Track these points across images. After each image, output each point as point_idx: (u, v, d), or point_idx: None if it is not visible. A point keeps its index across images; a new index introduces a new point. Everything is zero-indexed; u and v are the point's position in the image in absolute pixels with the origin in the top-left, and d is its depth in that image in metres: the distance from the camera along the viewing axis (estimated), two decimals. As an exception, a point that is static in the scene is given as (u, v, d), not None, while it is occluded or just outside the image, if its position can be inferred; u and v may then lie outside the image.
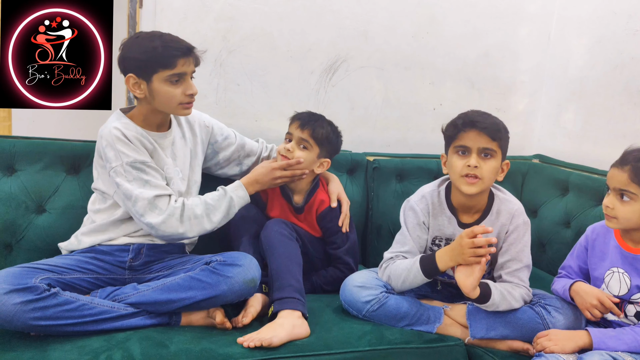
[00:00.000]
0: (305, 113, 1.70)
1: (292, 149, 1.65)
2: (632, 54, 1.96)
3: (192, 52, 1.45)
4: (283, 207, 1.74)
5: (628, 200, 1.30)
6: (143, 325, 1.38)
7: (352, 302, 1.52)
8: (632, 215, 1.30)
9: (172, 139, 1.56)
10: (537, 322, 1.43)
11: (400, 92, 2.18)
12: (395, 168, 2.04)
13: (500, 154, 1.48)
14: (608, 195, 1.35)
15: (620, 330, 1.30)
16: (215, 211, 1.49)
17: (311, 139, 1.65)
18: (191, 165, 1.61)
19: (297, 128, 1.66)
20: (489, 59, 2.27)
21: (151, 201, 1.42)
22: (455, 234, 1.55)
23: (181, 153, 1.58)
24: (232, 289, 1.38)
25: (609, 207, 1.33)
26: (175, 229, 1.44)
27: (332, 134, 1.70)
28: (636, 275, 1.34)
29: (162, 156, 1.51)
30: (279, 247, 1.55)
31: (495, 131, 1.45)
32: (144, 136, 1.48)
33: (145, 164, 1.44)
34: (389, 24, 2.11)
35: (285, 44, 2.00)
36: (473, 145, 1.45)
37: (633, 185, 1.28)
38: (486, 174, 1.45)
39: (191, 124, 1.64)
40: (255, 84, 1.99)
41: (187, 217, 1.45)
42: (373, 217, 2.00)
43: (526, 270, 1.51)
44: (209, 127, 1.69)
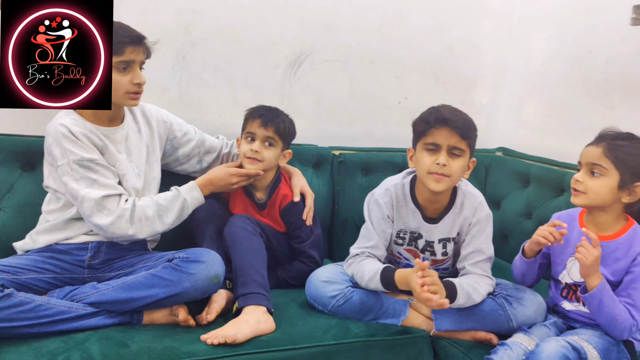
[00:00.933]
0: (261, 108, 1.67)
1: (259, 149, 1.62)
2: (590, 48, 2.00)
3: (142, 41, 1.43)
4: (245, 203, 1.73)
5: (598, 175, 1.32)
6: (103, 325, 1.34)
7: (318, 297, 1.51)
8: (601, 189, 1.32)
9: (126, 134, 1.52)
10: (500, 313, 1.46)
11: (366, 86, 2.18)
12: (360, 162, 2.04)
13: (469, 153, 1.48)
14: (579, 172, 1.37)
15: (618, 303, 1.31)
16: (167, 212, 1.46)
17: (276, 135, 1.64)
18: (148, 161, 1.58)
19: (260, 126, 1.63)
20: (453, 53, 2.29)
21: (99, 202, 1.38)
22: (420, 227, 1.56)
23: (136, 148, 1.54)
24: (195, 286, 1.36)
25: (578, 182, 1.35)
26: (124, 231, 1.40)
27: (290, 125, 1.69)
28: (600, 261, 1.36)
29: (113, 152, 1.47)
30: (242, 242, 1.54)
31: (467, 130, 1.45)
32: (93, 132, 1.43)
33: (93, 162, 1.40)
34: (354, 18, 2.10)
35: (250, 38, 1.97)
36: (444, 143, 1.44)
37: (605, 160, 1.31)
38: (454, 172, 1.45)
39: (148, 118, 1.61)
40: (219, 77, 1.96)
41: (138, 219, 1.41)
42: (339, 211, 2.00)
43: (488, 261, 1.53)
44: (167, 123, 1.66)
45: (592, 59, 2.00)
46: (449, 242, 1.56)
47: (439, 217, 1.55)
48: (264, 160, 1.63)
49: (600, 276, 1.29)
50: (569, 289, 1.42)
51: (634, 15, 1.84)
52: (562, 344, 1.24)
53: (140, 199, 1.45)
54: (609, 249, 1.36)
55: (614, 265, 1.35)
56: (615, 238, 1.36)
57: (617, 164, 1.30)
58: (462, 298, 1.42)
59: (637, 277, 1.31)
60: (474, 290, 1.45)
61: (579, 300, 1.40)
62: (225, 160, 1.79)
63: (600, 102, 1.97)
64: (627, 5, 1.85)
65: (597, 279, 1.28)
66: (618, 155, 1.30)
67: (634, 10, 1.84)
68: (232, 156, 1.80)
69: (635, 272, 1.32)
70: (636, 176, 1.31)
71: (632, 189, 1.32)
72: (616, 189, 1.32)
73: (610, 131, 1.36)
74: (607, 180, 1.32)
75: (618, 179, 1.31)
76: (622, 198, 1.33)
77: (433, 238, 1.56)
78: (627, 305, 1.31)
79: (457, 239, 1.57)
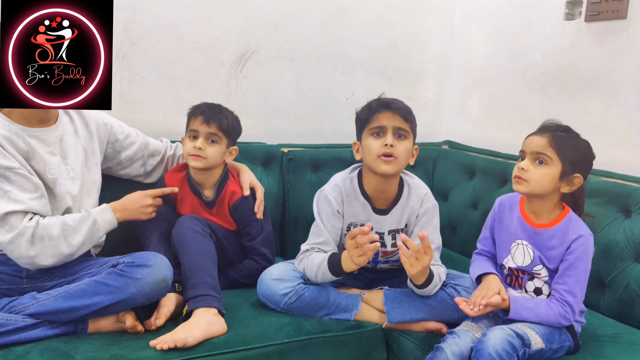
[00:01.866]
0: (203, 105, 1.65)
1: (203, 146, 1.60)
2: (527, 42, 2.07)
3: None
4: (193, 203, 1.69)
5: (543, 164, 1.36)
6: (45, 336, 1.29)
7: (270, 296, 1.50)
8: (544, 178, 1.35)
9: (60, 135, 1.46)
10: (449, 302, 1.49)
11: (313, 82, 2.18)
12: (310, 159, 2.04)
13: (412, 137, 1.51)
14: (522, 161, 1.40)
15: (537, 302, 1.36)
16: (74, 234, 1.37)
17: (219, 131, 1.62)
18: (87, 165, 1.52)
19: (203, 123, 1.61)
20: (397, 48, 2.32)
21: (2, 217, 1.30)
22: (370, 219, 1.57)
23: (72, 150, 1.48)
24: (142, 291, 1.32)
25: (523, 170, 1.37)
26: (24, 251, 1.31)
27: (235, 121, 1.67)
28: (537, 248, 1.42)
29: (42, 155, 1.40)
30: (191, 244, 1.50)
31: (408, 112, 1.49)
32: (18, 135, 1.36)
33: (11, 170, 1.32)
34: (298, 14, 2.10)
35: (192, 35, 1.93)
36: (388, 124, 1.47)
37: (550, 150, 1.35)
38: (401, 153, 1.48)
39: (86, 121, 1.55)
40: (162, 76, 1.91)
41: (40, 238, 1.32)
42: (290, 208, 1.99)
43: (438, 251, 1.56)
44: (108, 125, 1.61)
45: (530, 53, 2.07)
46: (397, 233, 1.58)
47: (388, 209, 1.57)
48: (208, 157, 1.61)
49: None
50: (512, 276, 1.46)
51: (566, 11, 1.92)
52: (506, 332, 1.27)
53: (45, 218, 1.35)
54: (545, 237, 1.40)
55: (550, 252, 1.39)
56: (551, 226, 1.40)
57: (560, 154, 1.35)
58: (436, 280, 1.45)
59: (572, 264, 1.36)
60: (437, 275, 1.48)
61: (522, 287, 1.44)
62: (170, 162, 1.76)
63: (539, 95, 2.04)
64: (561, 1, 1.93)
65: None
66: (561, 146, 1.35)
67: (567, 6, 1.92)
68: (178, 158, 1.76)
69: (569, 259, 1.36)
70: (575, 167, 1.36)
71: (570, 180, 1.37)
72: (557, 178, 1.36)
73: (552, 123, 1.41)
74: (550, 170, 1.36)
75: (560, 169, 1.35)
76: (561, 188, 1.38)
77: (383, 229, 1.58)
78: (564, 291, 1.35)
79: (405, 230, 1.59)
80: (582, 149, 1.37)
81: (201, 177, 1.67)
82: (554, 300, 1.36)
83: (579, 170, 1.37)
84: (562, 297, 1.35)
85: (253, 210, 1.69)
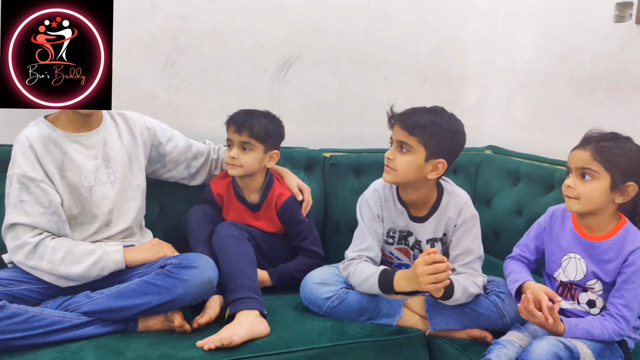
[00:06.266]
0: (238, 114, 1.68)
1: (237, 155, 1.63)
2: (575, 45, 2.03)
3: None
4: (238, 209, 1.73)
5: (589, 179, 1.30)
6: (98, 334, 1.34)
7: (313, 299, 1.52)
8: (593, 193, 1.30)
9: (103, 139, 1.52)
10: (493, 310, 1.47)
11: (355, 87, 2.19)
12: (352, 163, 2.04)
13: (424, 151, 1.46)
14: (569, 177, 1.35)
15: (591, 322, 1.31)
16: (75, 264, 1.39)
17: (251, 139, 1.64)
18: (131, 169, 1.57)
19: (235, 133, 1.64)
20: (440, 53, 2.31)
21: (10, 226, 1.38)
22: (408, 226, 1.57)
23: (115, 154, 1.54)
24: (189, 292, 1.35)
25: (570, 187, 1.33)
26: (23, 260, 1.37)
27: (270, 125, 1.67)
28: (592, 262, 1.36)
29: (79, 163, 1.46)
30: (229, 249, 1.53)
31: (414, 127, 1.45)
32: (57, 143, 1.43)
33: (33, 182, 1.39)
34: (340, 20, 2.11)
35: (238, 42, 1.97)
36: (395, 137, 1.50)
37: (595, 163, 1.29)
38: (399, 166, 1.47)
39: (130, 126, 1.60)
40: (208, 83, 1.96)
41: (39, 256, 1.37)
42: (332, 213, 2.00)
43: (478, 261, 1.54)
44: (151, 129, 1.65)
45: (578, 56, 2.02)
46: (436, 242, 1.57)
47: (425, 217, 1.57)
48: (244, 165, 1.64)
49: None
50: (565, 287, 1.42)
51: (616, 13, 1.87)
52: (554, 342, 1.23)
53: (54, 240, 1.40)
54: (601, 250, 1.35)
55: (606, 265, 1.34)
56: (607, 238, 1.35)
57: (607, 165, 1.29)
58: (459, 292, 1.42)
59: (629, 278, 1.30)
60: (470, 284, 1.46)
61: (575, 299, 1.40)
62: (214, 165, 1.80)
63: (587, 99, 1.99)
64: (610, 3, 1.88)
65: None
66: (606, 157, 1.29)
67: (617, 8, 1.87)
68: (221, 161, 1.80)
69: (627, 273, 1.30)
70: (626, 176, 1.29)
71: (624, 189, 1.30)
72: (608, 191, 1.30)
73: (595, 133, 1.35)
74: (599, 184, 1.30)
75: (609, 181, 1.29)
76: (615, 199, 1.32)
77: (421, 237, 1.57)
78: (621, 306, 1.29)
79: (444, 239, 1.58)
80: (632, 156, 1.30)
81: (244, 183, 1.71)
82: (607, 317, 1.31)
83: (632, 178, 1.29)
84: (618, 312, 1.29)
85: (301, 212, 1.71)
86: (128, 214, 1.56)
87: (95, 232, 1.49)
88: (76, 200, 1.46)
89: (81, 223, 1.48)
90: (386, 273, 1.46)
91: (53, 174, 1.42)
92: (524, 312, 1.30)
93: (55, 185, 1.43)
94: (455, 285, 1.42)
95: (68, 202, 1.45)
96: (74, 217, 1.47)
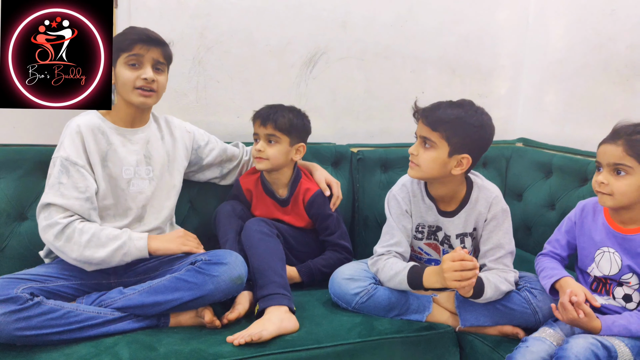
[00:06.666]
0: (264, 108, 1.70)
1: (263, 148, 1.65)
2: (610, 34, 1.96)
3: (153, 40, 1.46)
4: (267, 203, 1.74)
5: (624, 174, 1.27)
6: (131, 329, 1.37)
7: (341, 295, 1.52)
8: (628, 188, 1.27)
9: (147, 137, 1.56)
10: (525, 306, 1.44)
11: (382, 81, 2.17)
12: (379, 158, 2.03)
13: (447, 147, 1.43)
14: (599, 173, 1.32)
15: (628, 318, 1.28)
16: (100, 247, 1.40)
17: (276, 131, 1.65)
18: (169, 169, 1.61)
19: (260, 126, 1.66)
20: (468, 44, 2.27)
21: (45, 205, 1.41)
22: (437, 221, 1.56)
23: (157, 153, 1.58)
24: (219, 288, 1.37)
25: (604, 184, 1.30)
26: (51, 241, 1.40)
27: (295, 118, 1.68)
28: (627, 255, 1.33)
29: (122, 156, 1.50)
30: (259, 245, 1.55)
31: (436, 122, 1.43)
32: (104, 133, 1.48)
33: (74, 166, 1.43)
34: (367, 14, 2.09)
35: (264, 39, 1.98)
36: (419, 133, 1.49)
37: (628, 158, 1.26)
38: (422, 162, 1.46)
39: (172, 128, 1.65)
40: (235, 80, 1.97)
41: (67, 237, 1.39)
42: (359, 208, 2.00)
43: (510, 256, 1.51)
44: (191, 133, 1.70)
45: (612, 45, 1.96)
46: (466, 237, 1.55)
47: (454, 212, 1.55)
48: (270, 158, 1.65)
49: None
50: (599, 282, 1.39)
51: (654, -2, 1.81)
52: (591, 341, 1.21)
53: (84, 223, 1.42)
54: (636, 242, 1.32)
55: None
56: None
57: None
58: (490, 290, 1.40)
59: None
60: (501, 281, 1.44)
61: (610, 294, 1.37)
62: (246, 167, 1.82)
63: (622, 89, 1.93)
64: (647, -12, 1.82)
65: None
66: (639, 151, 1.26)
67: (654, -7, 1.80)
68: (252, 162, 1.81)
69: None
70: None
71: None
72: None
73: (625, 124, 1.31)
74: (633, 179, 1.27)
75: None
76: None
77: (450, 232, 1.56)
78: None
79: (474, 234, 1.56)
80: None
81: (272, 177, 1.72)
82: None
83: None
84: None
85: (329, 206, 1.72)
86: (162, 212, 1.59)
87: (127, 227, 1.52)
88: (113, 191, 1.50)
89: (114, 215, 1.51)
90: (415, 269, 1.45)
91: (95, 162, 1.46)
92: (558, 311, 1.28)
93: (95, 174, 1.47)
94: (485, 284, 1.40)
95: (104, 191, 1.48)
96: (107, 207, 1.50)
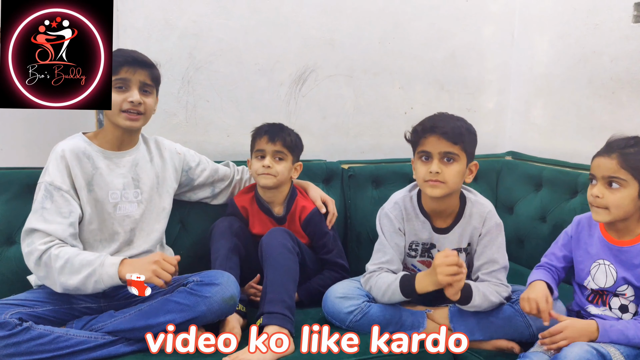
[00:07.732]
0: (266, 126, 1.70)
1: (271, 164, 1.65)
2: (594, 47, 2.00)
3: (139, 62, 1.45)
4: (263, 221, 1.73)
5: (617, 187, 1.28)
6: (123, 353, 1.34)
7: (335, 314, 1.51)
8: (623, 201, 1.28)
9: (135, 160, 1.54)
10: (518, 319, 1.44)
11: (371, 98, 2.19)
12: (370, 175, 2.03)
13: (465, 157, 1.46)
14: (594, 186, 1.32)
15: (625, 323, 1.29)
16: (72, 275, 1.34)
17: (285, 148, 1.66)
18: (158, 192, 1.59)
19: (268, 142, 1.65)
20: (456, 60, 2.29)
21: (29, 230, 1.39)
22: (431, 238, 1.55)
23: (145, 175, 1.56)
24: (211, 309, 1.36)
25: (598, 198, 1.30)
26: (33, 269, 1.39)
27: (296, 138, 1.72)
28: (622, 267, 1.34)
29: (108, 180, 1.48)
30: (279, 259, 1.52)
31: (457, 135, 1.43)
32: (90, 158, 1.46)
33: (58, 191, 1.41)
34: (354, 32, 2.11)
35: (253, 58, 1.99)
36: (434, 150, 1.44)
37: (622, 172, 1.27)
38: (449, 178, 1.44)
39: (161, 150, 1.63)
40: (224, 99, 1.98)
41: (45, 264, 1.36)
42: (352, 225, 1.99)
43: (503, 271, 1.51)
44: (182, 155, 1.68)
45: (597, 58, 1.99)
46: (460, 252, 1.55)
47: (449, 228, 1.55)
48: (278, 174, 1.65)
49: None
50: (596, 294, 1.40)
51: (635, 13, 1.84)
52: (586, 348, 1.20)
53: (59, 248, 1.37)
54: (631, 254, 1.33)
55: (637, 270, 1.32)
56: (636, 242, 1.33)
57: (635, 173, 1.27)
58: (478, 298, 1.41)
59: None
60: (491, 292, 1.44)
61: (606, 304, 1.37)
62: (238, 186, 1.81)
63: (608, 101, 1.96)
64: (629, 3, 1.85)
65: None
66: (633, 165, 1.27)
67: (635, 8, 1.83)
68: (245, 181, 1.82)
69: None
70: None
71: None
72: (637, 197, 1.28)
73: (618, 138, 1.33)
74: (627, 191, 1.28)
75: (638, 187, 1.27)
76: None
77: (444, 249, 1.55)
78: None
79: (468, 249, 1.56)
80: None
81: (270, 195, 1.71)
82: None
83: None
84: None
85: (325, 223, 1.72)
86: (151, 235, 1.57)
87: (117, 251, 1.50)
88: (99, 215, 1.48)
89: (101, 240, 1.49)
90: (407, 277, 1.45)
91: (80, 187, 1.45)
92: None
93: (80, 198, 1.45)
94: (474, 291, 1.40)
95: (90, 215, 1.46)
96: (94, 232, 1.48)
